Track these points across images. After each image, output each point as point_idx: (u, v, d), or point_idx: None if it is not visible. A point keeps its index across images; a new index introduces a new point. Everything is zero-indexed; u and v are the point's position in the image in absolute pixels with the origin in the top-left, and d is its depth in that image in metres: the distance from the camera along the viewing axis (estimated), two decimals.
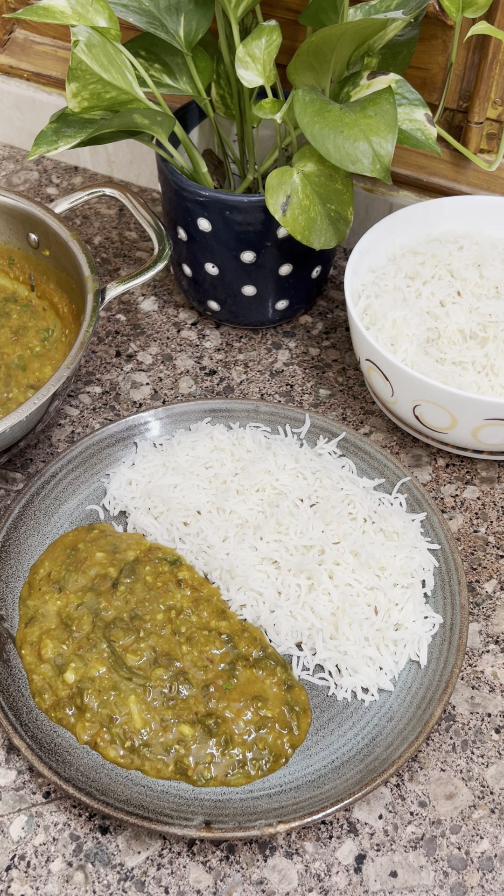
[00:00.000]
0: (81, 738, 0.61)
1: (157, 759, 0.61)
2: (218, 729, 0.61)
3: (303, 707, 0.63)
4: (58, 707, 0.63)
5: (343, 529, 0.69)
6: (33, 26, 1.02)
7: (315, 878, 0.58)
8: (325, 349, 0.89)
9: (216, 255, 0.81)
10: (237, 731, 0.62)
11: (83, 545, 0.70)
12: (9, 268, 0.88)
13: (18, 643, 0.66)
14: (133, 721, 0.62)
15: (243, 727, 0.62)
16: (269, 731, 0.62)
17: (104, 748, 0.61)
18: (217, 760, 0.61)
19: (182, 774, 0.60)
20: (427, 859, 0.59)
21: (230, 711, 0.62)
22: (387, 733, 0.61)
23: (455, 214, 0.85)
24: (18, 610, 0.68)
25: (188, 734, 0.61)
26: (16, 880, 0.58)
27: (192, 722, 0.62)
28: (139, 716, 0.62)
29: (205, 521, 0.71)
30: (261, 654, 0.65)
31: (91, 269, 0.77)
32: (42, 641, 0.65)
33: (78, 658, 0.64)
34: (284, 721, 0.62)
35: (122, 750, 0.61)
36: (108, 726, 0.61)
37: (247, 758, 0.61)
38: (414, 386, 0.71)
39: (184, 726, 0.61)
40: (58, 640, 0.65)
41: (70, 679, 0.63)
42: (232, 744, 0.61)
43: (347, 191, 0.73)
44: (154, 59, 0.78)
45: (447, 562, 0.69)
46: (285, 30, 0.83)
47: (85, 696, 0.62)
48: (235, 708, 0.62)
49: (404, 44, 0.75)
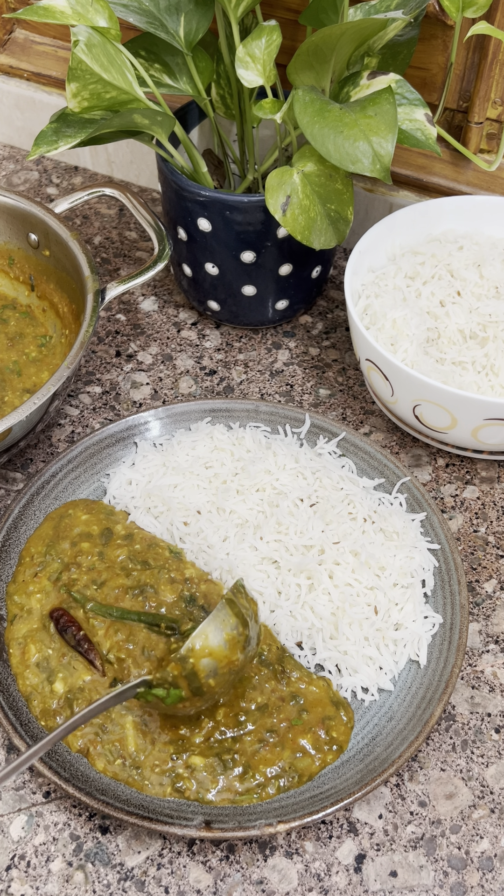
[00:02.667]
0: (74, 746, 0.61)
1: (153, 782, 0.59)
2: (237, 763, 0.59)
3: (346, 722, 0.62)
4: (48, 715, 0.62)
5: (343, 529, 0.69)
6: (33, 26, 1.02)
7: (315, 877, 0.58)
8: (325, 349, 0.89)
9: (216, 255, 0.81)
10: (266, 770, 0.59)
11: (73, 510, 0.72)
12: (9, 268, 0.88)
13: (7, 642, 0.66)
14: (126, 743, 0.60)
15: (271, 759, 0.60)
16: (304, 756, 0.60)
17: (94, 758, 0.60)
18: (225, 786, 0.59)
19: (179, 794, 0.59)
20: (427, 859, 0.59)
21: (258, 744, 0.60)
22: (387, 733, 0.61)
23: (455, 214, 0.85)
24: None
25: (198, 765, 0.59)
26: (16, 880, 0.58)
27: (205, 753, 0.59)
28: (133, 740, 0.60)
29: (205, 521, 0.71)
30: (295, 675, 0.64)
31: (91, 269, 0.77)
32: (26, 646, 0.65)
33: (63, 668, 0.63)
34: (319, 743, 0.61)
35: (112, 765, 0.60)
36: (101, 735, 0.61)
37: (268, 782, 0.59)
38: (414, 386, 0.71)
39: (195, 758, 0.59)
40: (41, 642, 0.65)
41: (59, 690, 0.63)
42: (251, 772, 0.59)
43: (347, 191, 0.73)
44: (154, 59, 0.78)
45: (447, 562, 0.69)
46: (285, 30, 0.83)
47: (75, 706, 0.62)
48: (264, 744, 0.60)
49: (404, 44, 0.75)
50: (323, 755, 0.60)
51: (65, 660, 0.64)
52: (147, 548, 0.69)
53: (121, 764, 0.60)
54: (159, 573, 0.67)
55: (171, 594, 0.66)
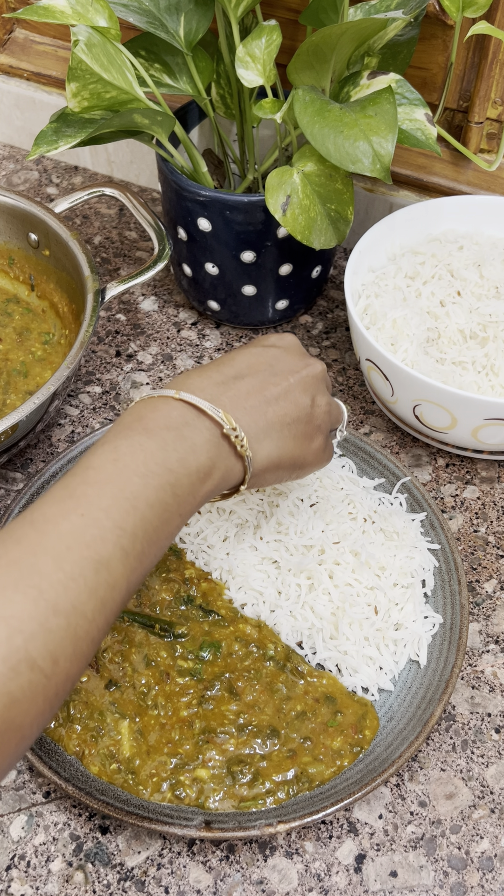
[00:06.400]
0: (70, 749, 0.61)
1: (149, 788, 0.59)
2: (247, 777, 0.59)
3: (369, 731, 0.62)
4: None
5: (343, 529, 0.69)
6: (33, 26, 1.02)
7: (315, 877, 0.58)
8: (325, 349, 0.89)
9: (216, 254, 0.81)
10: (276, 777, 0.59)
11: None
12: (9, 268, 0.88)
13: None
14: (121, 748, 0.60)
15: (286, 766, 0.59)
16: (324, 761, 0.60)
17: (89, 762, 0.60)
18: (229, 792, 0.58)
19: (178, 801, 0.58)
20: (427, 859, 0.59)
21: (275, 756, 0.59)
22: (387, 733, 0.61)
23: (455, 214, 0.85)
24: None
25: (204, 777, 0.59)
26: (16, 880, 0.58)
27: (210, 765, 0.59)
28: (128, 744, 0.60)
29: (205, 521, 0.71)
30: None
31: (91, 269, 0.77)
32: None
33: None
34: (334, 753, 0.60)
35: (107, 770, 0.59)
36: (96, 738, 0.60)
37: (277, 788, 0.59)
38: (414, 386, 0.71)
39: (201, 770, 0.59)
40: None
41: None
42: (260, 779, 0.59)
43: (347, 191, 0.73)
44: (154, 59, 0.78)
45: (447, 562, 0.69)
46: (285, 30, 0.83)
47: (71, 708, 0.62)
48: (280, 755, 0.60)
49: (404, 43, 0.75)
50: (341, 760, 0.60)
51: None
52: None
53: (115, 769, 0.59)
54: (156, 571, 0.67)
55: (166, 594, 0.66)
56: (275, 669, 0.63)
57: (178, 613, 0.66)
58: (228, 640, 0.64)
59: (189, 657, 0.63)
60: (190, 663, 0.63)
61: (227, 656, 0.64)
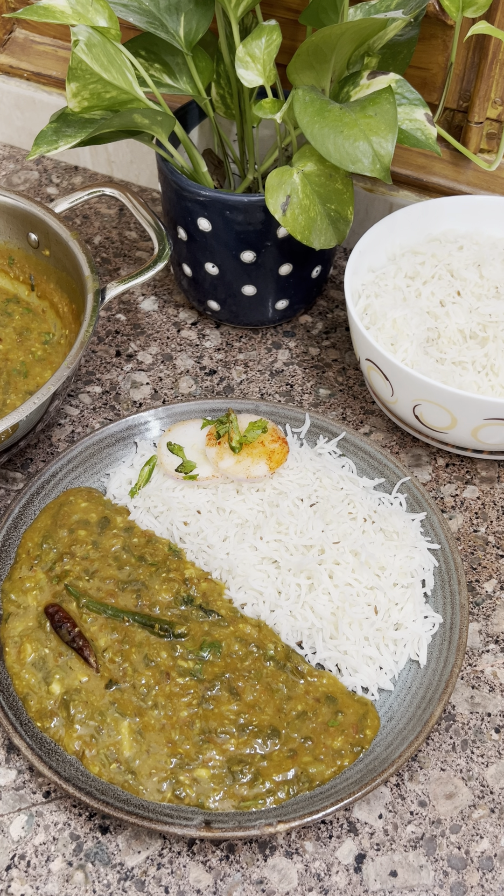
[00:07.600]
0: (70, 749, 0.60)
1: (150, 788, 0.59)
2: (248, 777, 0.59)
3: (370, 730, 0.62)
4: (44, 716, 0.62)
5: (343, 529, 0.69)
6: (33, 26, 1.02)
7: (315, 877, 0.58)
8: (325, 349, 0.89)
9: (216, 254, 0.81)
10: (276, 776, 0.59)
11: (74, 498, 0.72)
12: (9, 268, 0.88)
13: (3, 640, 0.66)
14: (121, 748, 0.60)
15: (286, 766, 0.59)
16: (324, 760, 0.60)
17: (89, 762, 0.60)
18: (229, 792, 0.59)
19: (178, 801, 0.58)
20: (427, 859, 0.59)
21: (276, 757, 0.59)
22: (386, 733, 0.61)
23: (455, 214, 0.85)
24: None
25: (204, 777, 0.59)
26: (16, 880, 0.58)
27: (211, 765, 0.59)
28: (128, 744, 0.60)
29: (205, 521, 0.71)
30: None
31: (91, 269, 0.77)
32: (22, 645, 0.65)
33: (60, 668, 0.63)
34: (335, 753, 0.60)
35: (107, 770, 0.59)
36: (96, 738, 0.60)
37: (277, 788, 0.59)
38: (414, 386, 0.71)
39: (201, 770, 0.59)
40: (37, 641, 0.65)
41: (56, 691, 0.62)
42: (261, 779, 0.59)
43: (347, 190, 0.73)
44: (154, 59, 0.78)
45: (447, 561, 0.69)
46: (285, 30, 0.83)
47: (71, 708, 0.62)
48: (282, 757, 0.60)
49: (404, 43, 0.75)
50: (341, 760, 0.60)
51: (61, 660, 0.64)
52: (146, 542, 0.69)
53: (116, 769, 0.59)
54: (156, 571, 0.67)
55: (167, 594, 0.66)
56: (275, 669, 0.63)
57: (178, 613, 0.65)
58: (228, 640, 0.64)
59: (189, 657, 0.63)
60: (190, 663, 0.63)
61: (227, 656, 0.64)
